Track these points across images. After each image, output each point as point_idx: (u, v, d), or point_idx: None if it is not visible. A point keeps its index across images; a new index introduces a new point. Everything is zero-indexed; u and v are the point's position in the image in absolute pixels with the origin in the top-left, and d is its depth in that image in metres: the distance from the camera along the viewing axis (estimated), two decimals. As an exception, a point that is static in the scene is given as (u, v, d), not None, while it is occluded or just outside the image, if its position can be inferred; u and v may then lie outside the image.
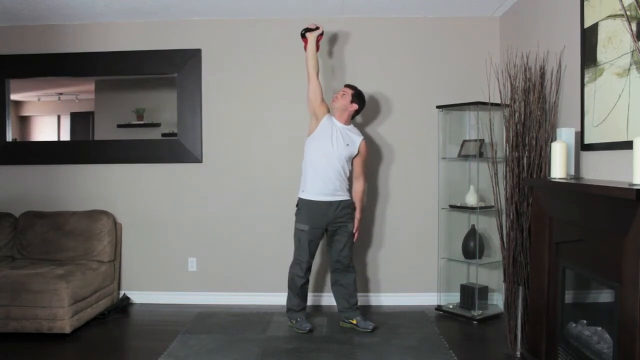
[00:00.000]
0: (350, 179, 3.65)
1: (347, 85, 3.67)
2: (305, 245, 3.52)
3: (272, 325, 3.70)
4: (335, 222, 3.54)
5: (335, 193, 3.52)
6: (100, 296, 3.90)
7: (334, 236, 3.60)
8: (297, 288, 3.58)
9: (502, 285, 3.57)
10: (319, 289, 4.20)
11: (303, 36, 3.71)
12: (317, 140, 3.54)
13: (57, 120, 5.19)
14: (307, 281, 3.63)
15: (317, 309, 4.11)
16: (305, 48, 3.69)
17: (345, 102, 3.58)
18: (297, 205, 3.61)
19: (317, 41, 3.72)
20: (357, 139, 3.60)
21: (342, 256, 3.59)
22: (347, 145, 3.54)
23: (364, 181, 3.72)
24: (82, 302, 3.61)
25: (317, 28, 3.70)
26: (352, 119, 3.69)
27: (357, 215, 3.66)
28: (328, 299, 4.08)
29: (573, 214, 2.46)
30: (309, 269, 3.59)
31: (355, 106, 3.61)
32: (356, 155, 3.61)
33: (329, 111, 3.60)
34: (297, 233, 3.57)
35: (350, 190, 3.65)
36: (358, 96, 3.63)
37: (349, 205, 3.59)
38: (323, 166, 3.49)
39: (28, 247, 4.07)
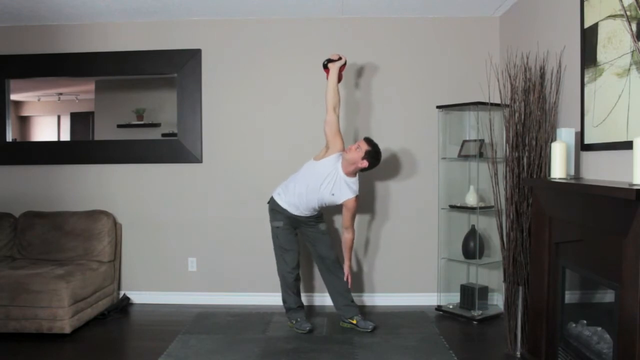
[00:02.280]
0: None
1: (366, 140, 3.46)
2: (284, 238, 3.57)
3: (272, 325, 3.70)
4: (304, 225, 3.62)
5: (305, 214, 3.57)
6: (100, 296, 3.90)
7: (308, 237, 3.66)
8: (290, 284, 3.60)
9: (502, 285, 3.57)
10: (319, 289, 4.20)
11: (325, 67, 3.60)
12: (311, 174, 3.49)
13: (57, 120, 5.20)
14: (298, 277, 3.65)
15: (317, 309, 4.11)
16: (327, 78, 3.57)
17: (356, 157, 3.38)
18: (268, 202, 3.64)
19: (340, 71, 3.59)
20: (347, 194, 3.44)
21: (324, 256, 3.64)
22: (333, 195, 3.45)
23: (353, 232, 3.60)
24: (82, 302, 3.61)
25: (340, 58, 3.58)
26: (360, 171, 3.50)
27: (346, 262, 3.65)
28: (328, 299, 4.07)
29: (573, 214, 2.46)
30: (297, 264, 3.61)
31: (365, 163, 3.41)
32: (343, 206, 3.52)
33: (343, 146, 3.50)
34: (274, 230, 3.61)
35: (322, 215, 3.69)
36: (372, 155, 3.42)
37: (316, 216, 3.63)
38: (303, 197, 3.49)
39: (28, 247, 4.06)
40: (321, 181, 3.44)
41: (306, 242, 3.73)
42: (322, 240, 3.64)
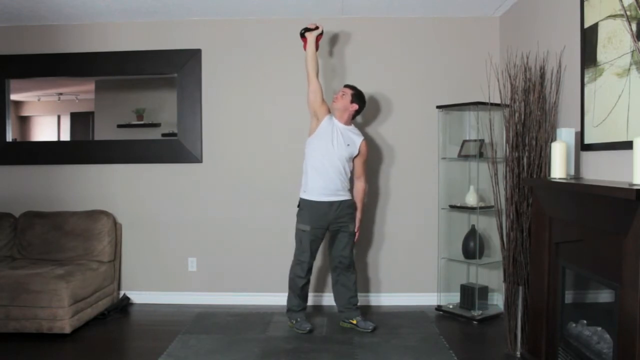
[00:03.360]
0: (351, 179, 3.65)
1: (347, 86, 3.66)
2: (307, 245, 3.52)
3: (272, 325, 3.70)
4: (336, 222, 3.55)
5: (337, 193, 3.52)
6: (100, 296, 3.90)
7: (335, 236, 3.60)
8: (298, 289, 3.58)
9: (502, 285, 3.57)
10: (319, 289, 4.20)
11: (302, 36, 3.70)
12: (318, 141, 3.53)
13: (57, 120, 5.20)
14: (308, 282, 3.63)
15: (317, 309, 4.11)
16: (304, 48, 3.68)
17: (345, 103, 3.57)
18: (298, 206, 3.61)
19: (317, 41, 3.71)
20: (357, 140, 3.59)
21: (343, 256, 3.60)
22: (348, 145, 3.53)
23: (365, 181, 3.72)
24: (82, 302, 3.61)
25: (317, 28, 3.69)
26: (352, 119, 3.68)
27: (358, 215, 3.67)
28: (328, 299, 4.08)
29: (573, 214, 2.46)
30: (310, 270, 3.59)
31: (355, 106, 3.60)
32: (357, 155, 3.61)
33: (329, 112, 3.60)
34: (299, 233, 3.56)
35: (351, 190, 3.65)
36: (358, 96, 3.61)
37: (350, 205, 3.59)
38: (324, 166, 3.49)
39: (28, 247, 4.06)
40: (330, 141, 3.50)
41: (329, 242, 3.68)
42: (347, 241, 3.59)
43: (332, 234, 3.61)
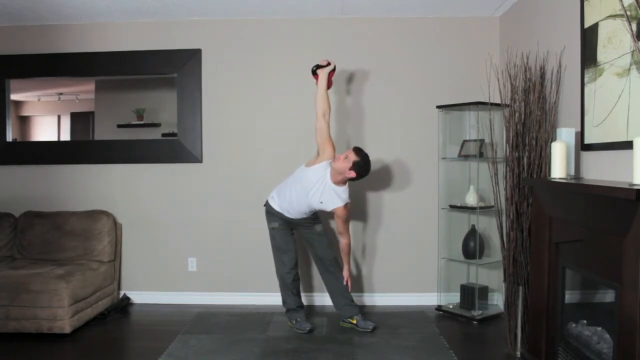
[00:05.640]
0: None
1: (355, 150, 3.40)
2: (280, 238, 3.57)
3: (272, 325, 3.70)
4: (299, 227, 3.61)
5: (298, 217, 3.56)
6: (100, 296, 3.89)
7: (305, 238, 3.66)
8: (288, 285, 3.61)
9: (502, 285, 3.57)
10: (319, 289, 4.20)
11: (314, 73, 3.57)
12: (300, 181, 3.46)
13: (57, 120, 5.19)
14: (297, 277, 3.65)
15: (317, 309, 4.11)
16: (316, 84, 3.55)
17: (343, 167, 3.33)
18: (264, 205, 3.65)
19: (329, 77, 3.55)
20: (335, 203, 3.40)
21: (321, 256, 3.64)
22: (321, 202, 3.41)
23: (348, 237, 3.57)
24: (82, 302, 3.61)
25: (329, 64, 3.53)
26: (349, 180, 3.44)
27: (345, 266, 3.63)
28: (328, 299, 4.07)
29: (573, 214, 2.46)
30: (294, 264, 3.60)
31: (352, 174, 3.35)
32: (334, 214, 3.50)
33: (334, 151, 3.43)
34: (271, 232, 3.61)
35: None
36: (359, 166, 3.35)
37: (312, 217, 3.61)
38: (293, 202, 3.48)
39: (28, 247, 4.06)
40: (309, 188, 3.41)
41: (304, 242, 3.73)
42: (319, 241, 3.64)
43: (300, 234, 3.67)
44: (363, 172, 3.39)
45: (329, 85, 3.56)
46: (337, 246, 3.70)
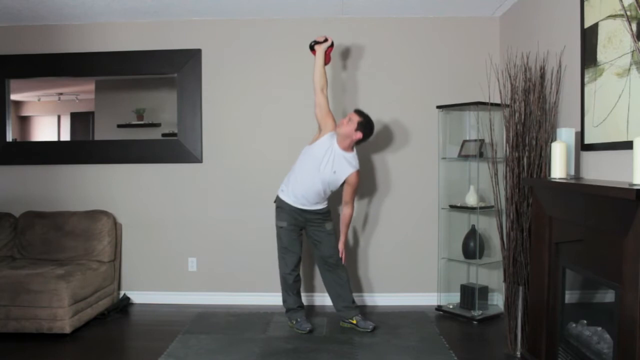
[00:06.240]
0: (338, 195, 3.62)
1: (356, 111, 3.47)
2: (286, 240, 3.55)
3: (272, 325, 3.70)
4: (312, 221, 3.57)
5: (313, 204, 3.54)
6: (100, 296, 3.90)
7: (313, 237, 3.62)
8: (289, 285, 3.59)
9: (502, 285, 3.57)
10: (319, 289, 4.20)
11: (312, 48, 3.62)
12: (308, 158, 3.48)
13: (57, 120, 5.19)
14: (298, 278, 3.64)
15: (317, 309, 4.11)
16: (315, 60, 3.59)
17: (349, 130, 3.39)
18: (275, 202, 3.63)
19: (327, 53, 3.60)
20: (347, 170, 3.44)
21: (326, 256, 3.62)
22: (334, 172, 3.43)
23: (352, 208, 3.62)
24: (82, 302, 3.61)
25: (326, 40, 3.59)
26: (356, 144, 3.51)
27: (342, 237, 3.65)
28: (328, 299, 4.07)
29: (573, 214, 2.46)
30: (297, 266, 3.60)
31: (359, 135, 3.41)
32: (344, 183, 3.51)
33: (335, 125, 3.49)
34: (278, 230, 3.60)
35: (328, 199, 3.63)
36: (364, 125, 3.42)
37: (323, 212, 3.60)
38: (305, 183, 3.47)
39: (28, 247, 4.06)
40: (319, 161, 3.43)
41: (310, 243, 3.69)
42: (327, 240, 3.60)
43: (308, 234, 3.62)
44: (368, 131, 3.45)
45: (327, 61, 3.63)
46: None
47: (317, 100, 3.51)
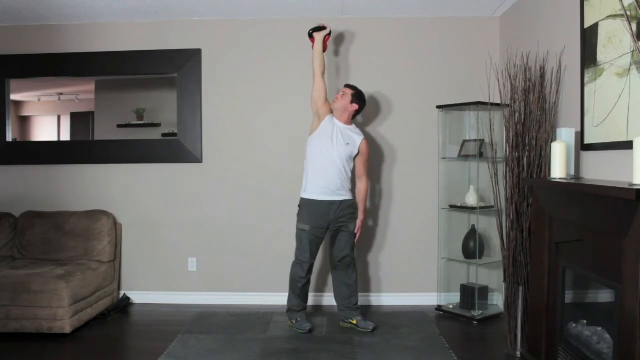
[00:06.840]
0: (353, 180, 3.65)
1: (347, 86, 3.68)
2: (307, 245, 3.52)
3: (272, 325, 3.70)
4: (336, 222, 3.54)
5: (337, 192, 3.52)
6: (100, 296, 3.90)
7: (336, 236, 3.59)
8: (298, 289, 3.58)
9: (502, 285, 3.57)
10: (320, 289, 4.20)
11: (310, 36, 3.71)
12: (318, 139, 3.54)
13: (57, 120, 5.19)
14: (308, 282, 3.63)
15: (317, 309, 4.11)
16: (313, 47, 3.68)
17: (345, 103, 3.59)
18: (299, 205, 3.61)
19: (325, 41, 3.73)
20: (357, 139, 3.59)
21: (343, 255, 3.59)
22: (347, 144, 3.53)
23: (367, 181, 3.70)
24: (82, 302, 3.61)
25: (325, 27, 3.70)
26: (353, 118, 3.69)
27: (360, 215, 3.66)
28: (328, 299, 4.08)
29: (573, 214, 2.46)
30: (310, 270, 3.59)
31: (355, 106, 3.61)
32: (357, 155, 3.60)
33: (331, 112, 3.61)
34: (299, 233, 3.56)
35: (352, 190, 3.65)
36: (358, 96, 3.63)
37: (350, 205, 3.59)
38: (324, 165, 3.50)
39: (28, 247, 4.06)
40: (329, 139, 3.51)
41: (329, 239, 3.65)
42: (346, 241, 3.58)
43: (332, 233, 3.60)
44: (362, 102, 3.67)
45: (324, 48, 3.74)
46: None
47: (317, 86, 3.57)
